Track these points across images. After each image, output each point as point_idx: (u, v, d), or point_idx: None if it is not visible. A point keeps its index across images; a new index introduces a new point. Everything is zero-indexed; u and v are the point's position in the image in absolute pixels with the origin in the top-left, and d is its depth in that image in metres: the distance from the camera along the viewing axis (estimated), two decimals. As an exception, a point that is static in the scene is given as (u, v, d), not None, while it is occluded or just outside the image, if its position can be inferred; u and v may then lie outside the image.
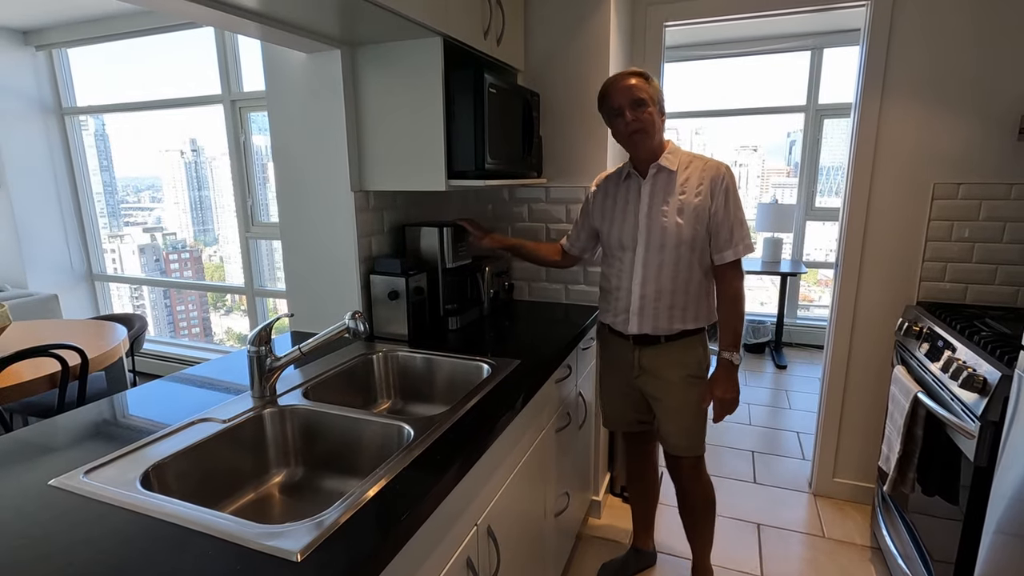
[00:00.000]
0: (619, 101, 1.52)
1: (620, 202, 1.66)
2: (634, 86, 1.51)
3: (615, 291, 1.68)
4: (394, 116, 1.63)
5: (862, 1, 2.09)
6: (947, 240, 2.12)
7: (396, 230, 1.91)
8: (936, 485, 1.70)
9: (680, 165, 1.59)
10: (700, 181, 1.56)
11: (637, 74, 1.54)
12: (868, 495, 2.38)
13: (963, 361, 1.55)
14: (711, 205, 1.55)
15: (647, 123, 1.53)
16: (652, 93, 1.53)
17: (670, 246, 1.56)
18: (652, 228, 1.58)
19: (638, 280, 1.61)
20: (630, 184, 1.65)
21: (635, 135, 1.54)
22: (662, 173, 1.59)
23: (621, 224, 1.64)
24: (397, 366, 1.63)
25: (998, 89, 1.94)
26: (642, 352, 1.68)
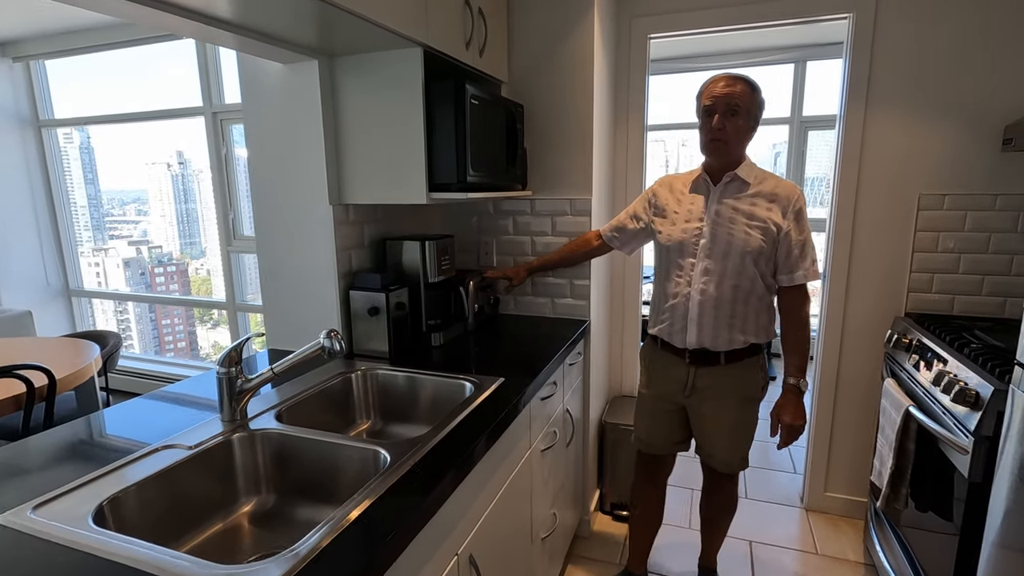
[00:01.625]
0: (713, 103, 1.49)
1: (686, 205, 1.62)
2: (734, 93, 1.47)
3: (671, 298, 1.63)
4: (373, 127, 1.60)
5: (844, 13, 2.09)
6: (933, 251, 2.11)
7: (377, 244, 1.86)
8: (929, 500, 1.67)
9: (755, 179, 1.56)
10: (772, 198, 1.53)
11: (744, 81, 1.50)
12: (861, 509, 2.35)
13: (954, 374, 1.52)
14: (782, 224, 1.52)
15: (731, 134, 1.50)
16: (750, 105, 1.50)
17: (735, 255, 1.52)
18: (718, 235, 1.54)
19: (698, 286, 1.57)
20: (699, 189, 1.62)
21: (715, 143, 1.52)
22: (735, 183, 1.57)
23: (684, 228, 1.60)
24: (377, 385, 1.57)
25: (981, 100, 1.95)
26: (698, 372, 1.64)
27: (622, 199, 2.46)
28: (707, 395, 1.66)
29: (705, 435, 1.73)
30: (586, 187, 2.07)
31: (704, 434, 1.73)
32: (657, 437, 1.82)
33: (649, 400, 1.80)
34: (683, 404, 1.73)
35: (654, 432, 1.82)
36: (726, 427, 1.68)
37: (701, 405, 1.69)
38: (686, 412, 1.75)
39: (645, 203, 1.77)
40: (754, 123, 1.55)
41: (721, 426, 1.69)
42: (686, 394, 1.69)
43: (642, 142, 2.42)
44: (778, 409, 1.65)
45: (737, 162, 1.57)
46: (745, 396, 1.67)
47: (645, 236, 1.81)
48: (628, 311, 2.54)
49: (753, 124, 1.54)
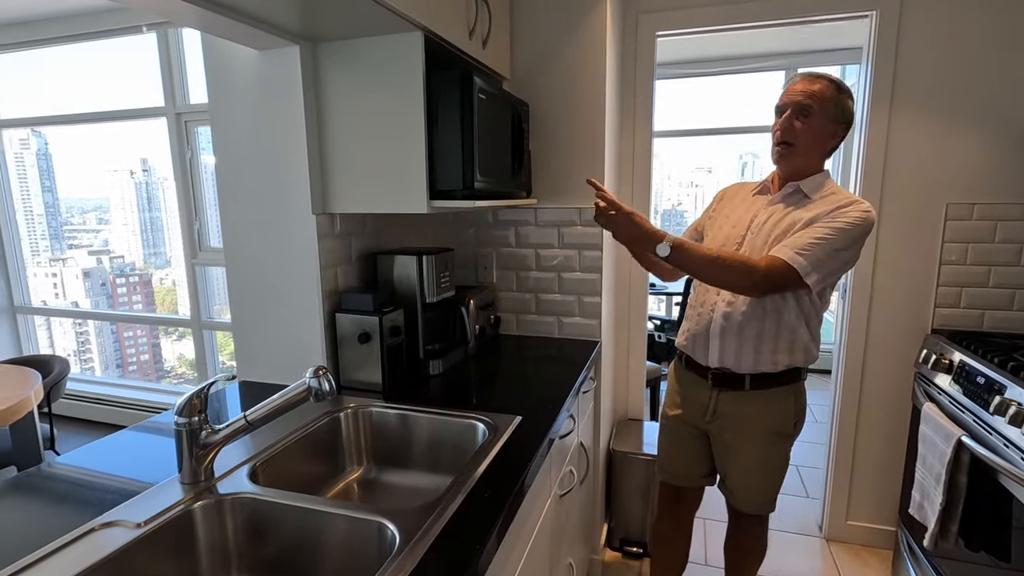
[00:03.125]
0: (784, 102, 1.35)
1: (739, 211, 1.49)
2: (810, 91, 1.31)
3: (698, 306, 1.51)
4: (365, 125, 1.38)
5: (866, 11, 1.97)
6: (962, 263, 1.98)
7: (366, 259, 1.63)
8: (982, 539, 1.51)
9: (820, 195, 1.36)
10: (828, 210, 1.32)
11: (828, 80, 1.33)
12: (886, 539, 2.19)
13: (1020, 403, 1.37)
14: (814, 216, 1.31)
15: (801, 137, 1.33)
16: (829, 107, 1.31)
17: None
18: (755, 246, 1.39)
19: (726, 297, 1.42)
20: (758, 196, 1.49)
21: (780, 147, 1.36)
22: (796, 195, 1.40)
23: (726, 232, 1.47)
24: (370, 425, 1.34)
25: (1015, 103, 1.83)
26: (720, 396, 1.49)
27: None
28: (729, 423, 1.50)
29: (727, 468, 1.56)
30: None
31: (726, 467, 1.57)
32: (680, 466, 1.64)
33: (672, 422, 1.63)
34: (705, 430, 1.57)
35: (677, 460, 1.64)
36: (750, 463, 1.51)
37: (723, 434, 1.53)
38: (709, 439, 1.59)
39: (708, 208, 1.64)
40: (835, 128, 1.34)
41: (744, 461, 1.52)
42: (707, 419, 1.53)
43: (649, 147, 2.25)
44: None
45: (804, 171, 1.39)
46: (774, 430, 1.47)
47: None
48: (634, 327, 2.36)
49: (833, 129, 1.34)
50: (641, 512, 2.22)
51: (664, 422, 1.67)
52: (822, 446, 2.84)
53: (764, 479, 1.52)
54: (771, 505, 1.55)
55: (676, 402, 1.61)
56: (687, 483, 1.66)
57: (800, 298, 1.38)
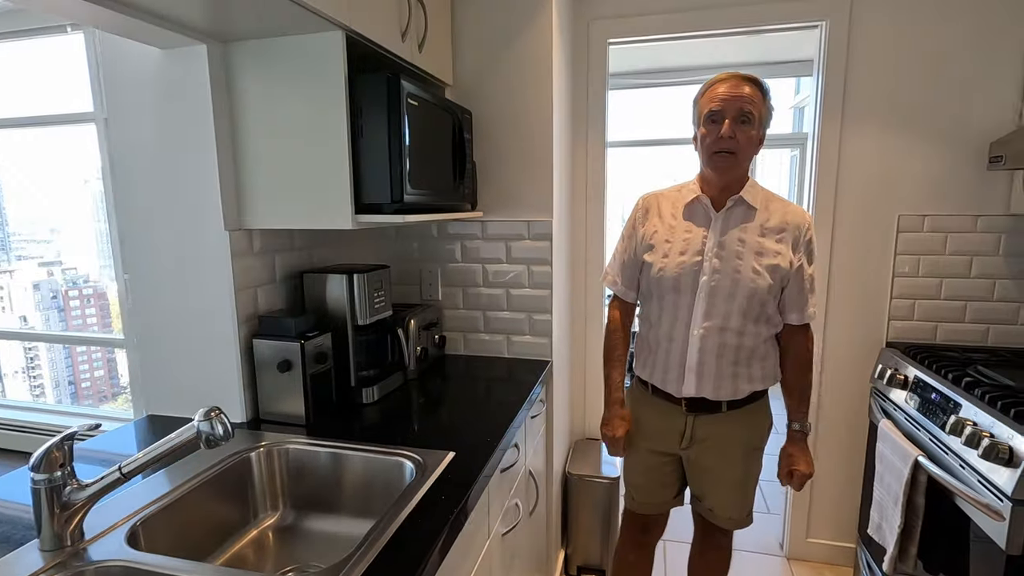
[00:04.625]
0: (722, 106, 1.25)
1: (680, 233, 1.37)
2: (747, 96, 1.24)
3: (664, 341, 1.40)
4: (284, 133, 1.25)
5: (816, 21, 1.94)
6: (915, 275, 1.96)
7: (293, 278, 1.50)
8: (941, 562, 1.46)
9: (761, 202, 1.34)
10: (783, 227, 1.32)
11: (754, 82, 1.27)
12: (846, 556, 2.15)
13: (975, 423, 1.33)
14: (794, 258, 1.32)
15: (743, 147, 1.27)
16: (763, 114, 1.28)
17: (742, 295, 1.30)
18: (723, 272, 1.31)
19: (698, 331, 1.34)
20: (696, 213, 1.38)
21: (722, 155, 1.28)
22: (740, 208, 1.34)
23: (680, 263, 1.34)
24: (288, 465, 1.20)
25: (963, 116, 1.82)
26: (697, 421, 1.42)
27: (582, 222, 2.21)
28: (708, 445, 1.44)
29: (706, 488, 1.50)
30: (546, 208, 1.79)
31: (705, 487, 1.50)
32: (651, 494, 1.56)
33: (643, 454, 1.54)
34: (679, 455, 1.50)
35: (648, 489, 1.56)
36: (731, 481, 1.47)
37: (701, 457, 1.46)
38: (681, 461, 1.52)
39: (631, 233, 1.48)
40: (762, 136, 1.32)
41: (724, 480, 1.47)
42: (683, 445, 1.46)
43: (603, 159, 2.19)
44: (789, 459, 1.45)
45: (742, 180, 1.35)
46: (752, 446, 1.46)
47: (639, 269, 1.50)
48: (590, 340, 2.28)
49: (761, 137, 1.32)
50: (600, 536, 2.12)
51: (632, 454, 1.56)
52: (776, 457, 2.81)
53: (745, 495, 1.50)
54: (750, 518, 1.53)
55: (645, 432, 1.52)
56: (657, 510, 1.59)
57: (773, 329, 1.39)
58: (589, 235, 2.21)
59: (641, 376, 1.50)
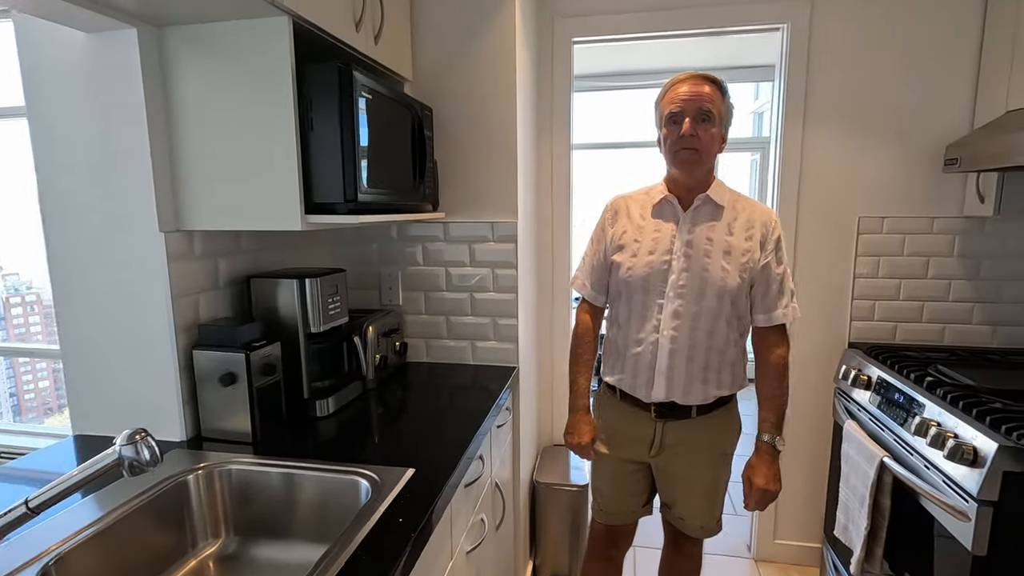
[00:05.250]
0: (682, 106, 1.25)
1: (649, 233, 1.35)
2: (706, 95, 1.24)
3: (633, 344, 1.36)
4: (226, 126, 1.15)
5: (778, 24, 1.95)
6: (874, 276, 1.99)
7: (238, 283, 1.39)
8: (906, 562, 1.47)
9: (728, 201, 1.34)
10: (750, 225, 1.32)
11: (713, 81, 1.27)
12: (812, 556, 2.16)
13: (939, 423, 1.33)
14: (760, 256, 1.31)
15: (705, 145, 1.26)
16: (723, 111, 1.28)
17: (711, 295, 1.29)
18: (691, 271, 1.30)
19: (668, 332, 1.31)
20: (664, 213, 1.36)
21: (686, 153, 1.27)
22: (707, 206, 1.34)
23: (649, 262, 1.32)
24: (231, 487, 1.11)
25: (920, 119, 1.86)
26: (666, 427, 1.39)
27: (547, 224, 2.16)
28: (678, 452, 1.41)
29: (676, 497, 1.47)
30: (510, 209, 1.73)
31: (675, 496, 1.47)
32: (620, 503, 1.52)
33: (611, 462, 1.49)
34: (649, 463, 1.47)
35: (616, 499, 1.52)
36: (702, 488, 1.44)
37: (671, 464, 1.43)
38: (650, 469, 1.49)
39: (600, 236, 1.45)
40: (724, 135, 1.31)
41: (695, 487, 1.44)
42: (652, 453, 1.42)
43: (568, 160, 2.14)
44: (750, 470, 1.38)
45: (708, 180, 1.34)
46: (722, 452, 1.44)
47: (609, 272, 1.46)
48: (557, 344, 2.23)
49: (724, 135, 1.31)
50: (569, 545, 2.07)
51: (600, 463, 1.52)
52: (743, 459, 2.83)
53: (714, 502, 1.48)
54: (719, 525, 1.50)
55: (614, 440, 1.48)
56: (626, 520, 1.55)
57: (743, 332, 1.37)
58: (555, 238, 2.17)
59: (609, 380, 1.45)
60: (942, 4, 1.79)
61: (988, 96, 1.75)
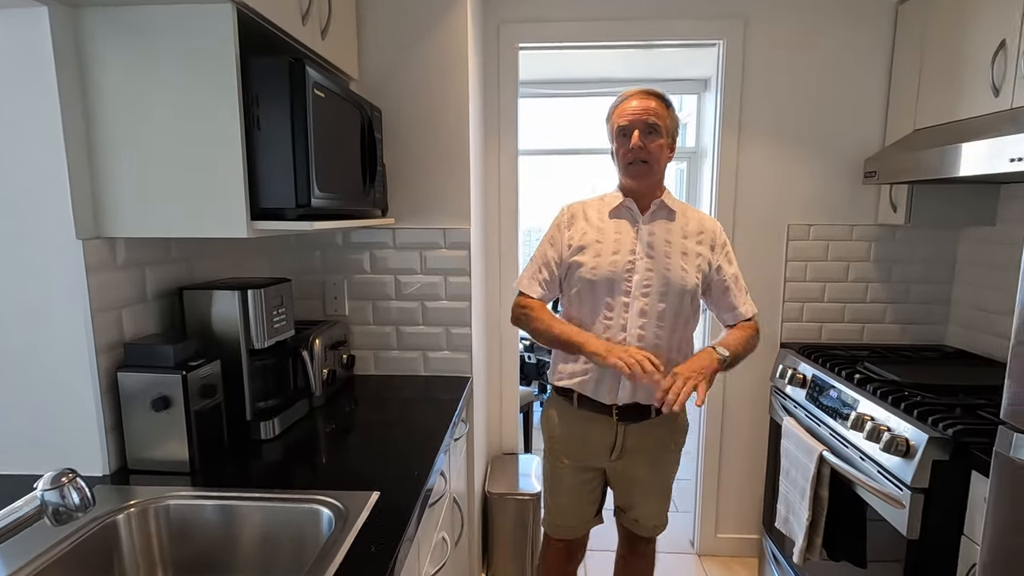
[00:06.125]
0: (630, 120, 1.31)
1: (611, 235, 1.38)
2: (652, 109, 1.31)
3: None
4: (157, 123, 1.03)
5: (714, 39, 2.04)
6: (802, 280, 2.12)
7: (169, 296, 1.26)
8: (843, 549, 1.56)
9: (679, 209, 1.41)
10: (700, 230, 1.40)
11: (658, 96, 1.34)
12: (752, 547, 2.26)
13: (873, 417, 1.43)
14: (712, 259, 1.39)
15: (654, 156, 1.32)
16: (669, 124, 1.34)
17: (673, 294, 1.34)
18: (655, 270, 1.35)
19: (635, 331, 1.34)
20: (622, 218, 1.40)
21: (635, 166, 1.33)
22: (663, 211, 1.40)
23: (611, 259, 1.35)
24: (168, 525, 0.99)
25: (844, 135, 2.00)
26: (628, 430, 1.40)
27: (495, 231, 2.13)
28: (638, 454, 1.43)
29: (634, 499, 1.50)
30: (463, 215, 1.69)
31: (633, 498, 1.50)
32: (576, 516, 1.52)
33: (568, 471, 1.48)
34: (605, 468, 1.48)
35: (572, 510, 1.51)
36: (658, 487, 1.50)
37: (630, 467, 1.45)
38: (605, 475, 1.50)
39: (557, 236, 1.43)
40: (672, 145, 1.37)
41: (653, 487, 1.49)
42: (613, 457, 1.43)
43: (515, 165, 2.13)
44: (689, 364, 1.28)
45: (659, 189, 1.39)
46: (676, 449, 1.50)
47: (561, 280, 1.44)
48: (507, 353, 2.20)
49: (672, 146, 1.37)
50: (522, 555, 2.04)
51: (558, 473, 1.50)
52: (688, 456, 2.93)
53: (668, 499, 1.54)
54: (666, 520, 1.56)
55: (573, 451, 1.46)
56: (583, 531, 1.56)
57: (693, 330, 1.44)
58: (503, 245, 2.14)
59: (567, 385, 1.43)
60: (858, 30, 1.94)
61: (898, 115, 1.92)
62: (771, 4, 1.95)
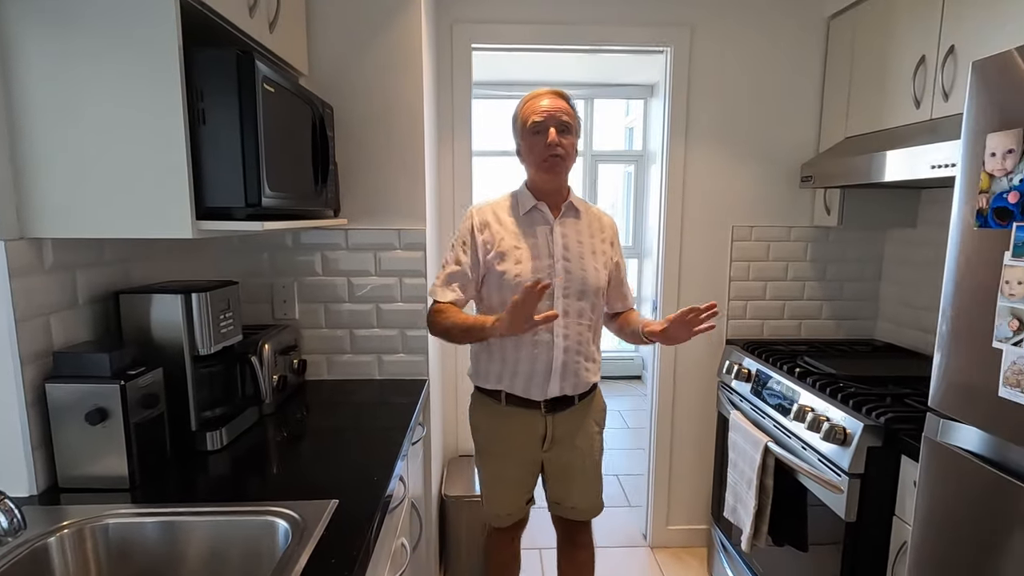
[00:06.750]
0: (544, 118, 1.34)
1: (528, 239, 1.41)
2: (563, 108, 1.35)
3: (527, 348, 1.40)
4: (90, 115, 0.96)
5: (662, 47, 2.10)
6: (746, 279, 2.22)
7: (103, 301, 1.18)
8: (786, 535, 1.65)
9: (583, 208, 1.48)
10: (602, 228, 1.49)
11: (565, 97, 1.38)
12: (701, 537, 2.34)
13: (813, 409, 1.51)
14: (613, 255, 1.50)
15: (568, 153, 1.37)
16: (576, 123, 1.39)
17: (590, 292, 1.42)
18: (572, 272, 1.40)
19: (560, 332, 1.40)
20: (535, 220, 1.43)
21: (555, 160, 1.35)
22: (571, 212, 1.45)
23: (532, 265, 1.39)
24: (107, 546, 0.92)
25: (782, 140, 2.11)
26: (555, 420, 1.46)
27: (450, 232, 2.11)
28: (567, 441, 1.49)
29: (570, 486, 1.53)
30: (418, 215, 1.67)
31: (568, 485, 1.53)
32: (515, 503, 1.55)
33: (505, 468, 1.51)
34: (540, 459, 1.51)
35: (512, 500, 1.54)
36: (591, 470, 1.55)
37: (564, 455, 1.49)
38: (537, 465, 1.53)
39: (469, 241, 1.41)
40: (577, 142, 1.42)
41: (587, 471, 1.54)
42: (545, 448, 1.48)
43: (470, 167, 2.13)
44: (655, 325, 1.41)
45: (567, 188, 1.46)
46: (599, 429, 1.57)
47: (476, 284, 1.44)
48: (461, 354, 2.19)
49: (577, 143, 1.42)
50: (478, 556, 2.03)
51: (494, 470, 1.53)
52: (641, 451, 3.01)
53: (600, 479, 1.58)
54: (603, 503, 1.60)
55: (505, 447, 1.49)
56: (519, 516, 1.59)
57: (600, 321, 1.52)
58: (458, 244, 2.13)
59: (496, 388, 1.45)
60: (795, 42, 2.05)
61: (831, 123, 2.04)
62: (716, 14, 2.03)
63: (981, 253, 0.97)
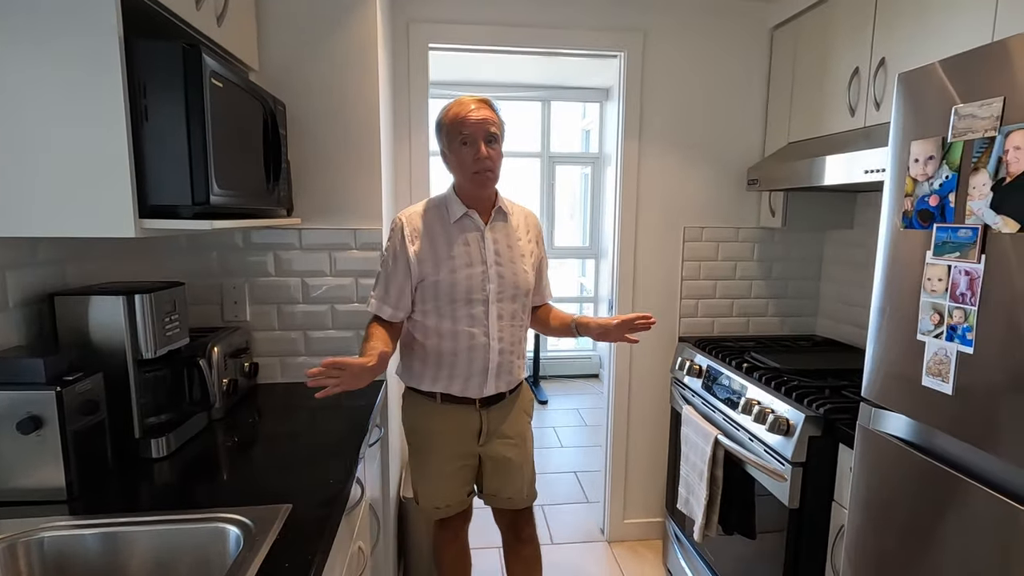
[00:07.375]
0: (472, 130, 1.34)
1: (460, 246, 1.42)
2: (489, 119, 1.36)
3: (463, 351, 1.43)
4: (21, 106, 0.91)
5: (615, 52, 2.15)
6: (697, 278, 2.30)
7: (36, 303, 1.11)
8: (735, 523, 1.71)
9: (510, 209, 1.50)
10: (528, 227, 1.53)
11: (489, 104, 1.39)
12: (656, 530, 2.41)
13: (759, 402, 1.58)
14: (538, 252, 1.55)
15: (496, 163, 1.39)
16: (502, 130, 1.40)
17: (521, 294, 1.47)
18: (504, 276, 1.44)
19: (496, 335, 1.44)
20: (466, 227, 1.44)
21: (485, 174, 1.37)
22: (500, 216, 1.48)
23: (466, 272, 1.41)
24: (41, 563, 0.87)
25: (730, 144, 2.19)
26: (488, 414, 1.50)
27: (408, 229, 2.10)
28: (500, 433, 1.52)
29: (507, 478, 1.55)
30: (374, 215, 1.65)
31: (506, 477, 1.55)
32: (455, 497, 1.56)
33: (443, 463, 1.51)
34: (477, 453, 1.53)
35: (453, 491, 1.54)
36: (526, 459, 1.59)
37: (499, 447, 1.52)
38: (474, 459, 1.55)
39: (401, 252, 1.40)
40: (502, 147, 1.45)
41: (516, 461, 1.55)
42: (482, 442, 1.52)
43: (427, 167, 2.12)
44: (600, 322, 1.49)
45: (495, 192, 1.48)
46: (528, 417, 1.61)
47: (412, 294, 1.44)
48: (420, 358, 2.18)
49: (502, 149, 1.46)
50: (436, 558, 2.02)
51: (429, 465, 1.51)
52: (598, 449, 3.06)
53: (533, 467, 1.61)
54: (536, 491, 1.64)
55: (441, 443, 1.50)
56: (459, 508, 1.59)
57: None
58: (416, 244, 2.12)
59: (432, 389, 1.46)
60: (742, 49, 2.14)
61: (776, 128, 2.14)
62: (669, 20, 2.09)
63: (907, 252, 1.04)
